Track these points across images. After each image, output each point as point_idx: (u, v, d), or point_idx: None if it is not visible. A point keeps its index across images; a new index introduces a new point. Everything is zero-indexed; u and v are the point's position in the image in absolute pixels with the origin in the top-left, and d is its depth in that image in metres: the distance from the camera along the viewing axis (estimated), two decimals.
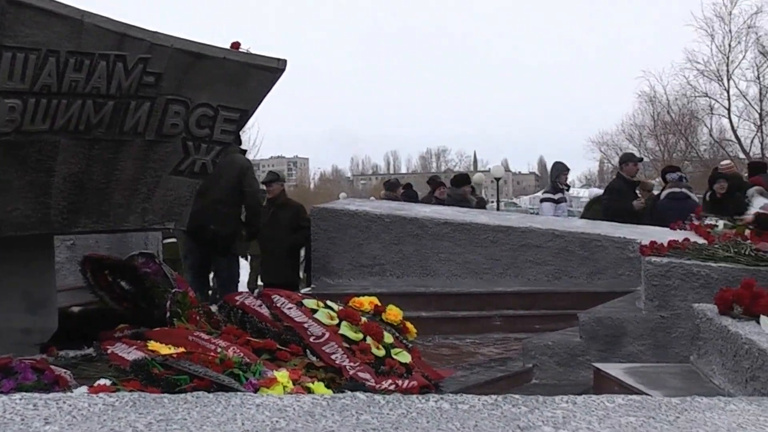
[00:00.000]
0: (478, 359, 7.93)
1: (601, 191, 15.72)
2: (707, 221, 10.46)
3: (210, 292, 10.14)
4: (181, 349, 4.32)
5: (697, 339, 5.24)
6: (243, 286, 11.63)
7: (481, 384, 6.71)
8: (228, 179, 9.21)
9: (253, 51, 5.37)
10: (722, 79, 45.76)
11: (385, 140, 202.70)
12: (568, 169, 14.80)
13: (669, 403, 2.83)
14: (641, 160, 17.03)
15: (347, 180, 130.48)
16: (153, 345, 4.55)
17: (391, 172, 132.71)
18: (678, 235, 8.70)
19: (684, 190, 13.45)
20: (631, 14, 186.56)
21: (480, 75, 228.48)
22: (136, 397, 2.76)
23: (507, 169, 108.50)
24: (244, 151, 10.80)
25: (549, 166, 18.45)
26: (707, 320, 5.00)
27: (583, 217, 14.29)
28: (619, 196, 12.82)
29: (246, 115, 5.45)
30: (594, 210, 14.01)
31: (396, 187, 18.37)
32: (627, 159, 13.87)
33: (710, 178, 14.12)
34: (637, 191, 13.31)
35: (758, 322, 4.49)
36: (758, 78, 44.93)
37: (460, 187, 15.56)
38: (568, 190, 15.47)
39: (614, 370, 5.59)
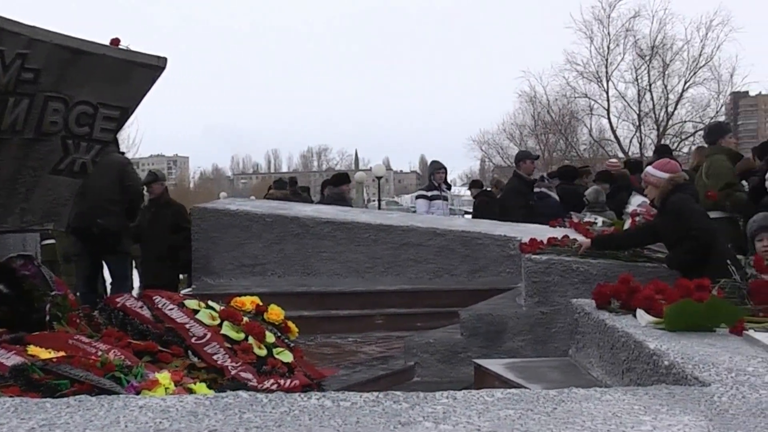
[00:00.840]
0: (360, 358, 7.98)
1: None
2: (587, 219, 10.71)
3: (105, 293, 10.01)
4: (62, 353, 4.23)
5: (576, 333, 5.35)
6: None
7: (363, 382, 6.75)
8: (110, 177, 9.18)
9: (132, 48, 5.30)
10: (601, 81, 46.84)
11: (266, 139, 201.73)
12: (443, 168, 14.87)
13: (546, 395, 2.90)
14: (537, 157, 17.21)
15: (228, 179, 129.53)
16: (32, 349, 4.44)
17: (272, 170, 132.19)
18: (558, 233, 8.89)
19: (544, 189, 14.02)
20: (512, 15, 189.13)
21: (361, 74, 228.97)
22: (18, 402, 2.71)
23: (388, 168, 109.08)
24: (123, 153, 10.79)
25: None
26: (585, 315, 5.12)
27: None
28: (516, 194, 12.79)
29: (126, 113, 5.37)
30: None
31: (286, 186, 18.46)
32: (523, 157, 13.72)
33: (596, 177, 14.60)
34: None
35: (635, 316, 4.61)
36: (636, 80, 46.18)
37: (338, 186, 15.57)
38: (449, 188, 15.57)
39: (494, 365, 5.67)
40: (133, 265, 11.18)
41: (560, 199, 13.82)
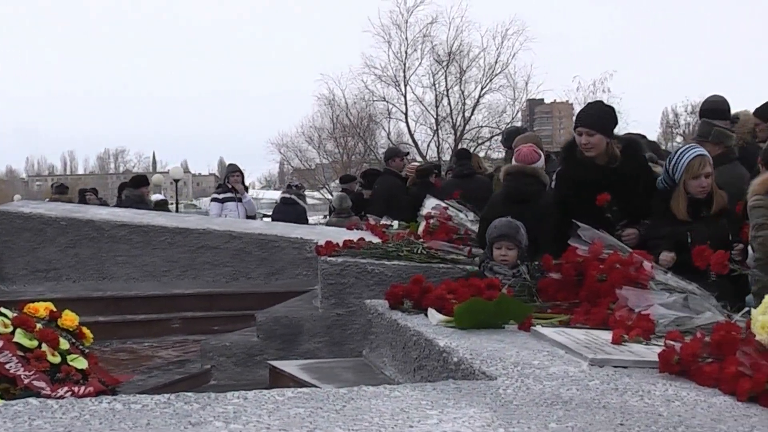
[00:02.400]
0: (156, 362, 7.83)
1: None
2: (383, 221, 10.84)
3: None
4: None
5: (370, 333, 5.41)
6: None
7: (159, 387, 6.62)
8: None
9: None
10: (399, 85, 47.40)
11: (61, 140, 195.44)
12: (239, 170, 14.85)
13: (337, 393, 2.91)
14: (407, 154, 17.44)
15: (22, 181, 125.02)
16: None
17: (68, 172, 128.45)
18: (354, 235, 8.97)
19: (293, 196, 15.10)
20: (310, 18, 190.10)
21: (158, 75, 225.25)
22: None
23: (186, 171, 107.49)
24: None
25: None
26: (379, 315, 5.18)
27: None
28: (398, 190, 12.66)
29: None
30: None
31: (68, 190, 18.13)
32: (392, 155, 13.82)
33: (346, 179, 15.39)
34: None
35: (426, 315, 4.69)
36: (434, 85, 46.98)
37: (138, 189, 15.31)
38: (247, 191, 15.52)
39: (289, 367, 5.66)
40: None
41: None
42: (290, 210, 14.56)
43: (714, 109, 7.62)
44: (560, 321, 4.55)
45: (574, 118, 6.77)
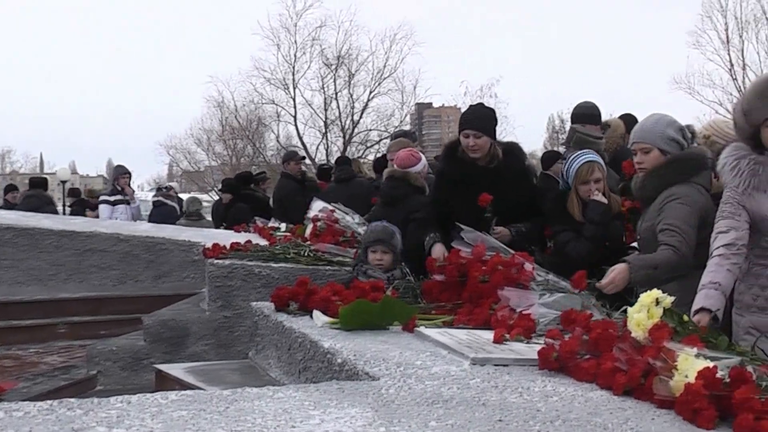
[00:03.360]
0: (42, 369, 7.71)
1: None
2: (271, 224, 10.85)
3: None
4: None
5: (256, 336, 5.41)
6: None
7: (45, 394, 6.52)
8: None
9: None
10: (288, 88, 47.43)
11: None
12: (127, 172, 14.75)
13: (220, 395, 2.92)
14: (303, 158, 17.69)
15: None
16: None
17: None
18: (241, 238, 8.96)
19: (160, 198, 15.74)
20: (199, 18, 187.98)
21: (43, 72, 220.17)
22: None
23: (74, 172, 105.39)
24: None
25: None
26: (264, 317, 5.18)
27: None
28: (295, 193, 12.97)
29: None
30: None
31: None
32: (289, 158, 14.47)
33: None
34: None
35: (312, 317, 4.72)
36: (323, 88, 47.15)
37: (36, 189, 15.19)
38: (134, 193, 15.41)
39: (175, 370, 5.63)
40: None
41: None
42: (159, 211, 14.81)
43: (584, 114, 7.77)
44: (443, 322, 4.62)
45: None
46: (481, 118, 6.61)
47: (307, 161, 41.86)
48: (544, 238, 6.84)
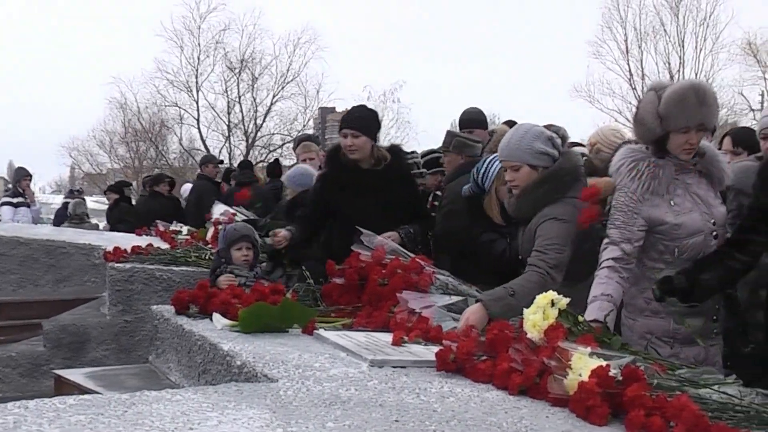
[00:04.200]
0: None
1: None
2: (173, 227, 10.78)
3: None
4: None
5: (156, 339, 5.39)
6: None
7: None
8: None
9: None
10: (192, 91, 46.87)
11: None
12: (29, 174, 14.53)
13: (119, 399, 2.91)
14: (221, 162, 18.22)
15: None
16: None
17: None
18: (143, 241, 8.89)
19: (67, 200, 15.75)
20: (102, 18, 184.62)
21: None
22: None
23: None
24: None
25: None
26: (164, 321, 5.17)
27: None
28: (210, 195, 12.77)
29: None
30: None
31: None
32: (206, 161, 14.81)
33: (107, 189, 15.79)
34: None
35: (212, 320, 4.73)
36: (226, 91, 46.63)
37: None
38: (34, 195, 15.19)
39: (75, 375, 5.57)
40: None
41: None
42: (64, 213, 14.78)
43: (472, 119, 7.75)
44: (343, 324, 4.67)
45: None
46: (360, 118, 6.46)
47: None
48: (428, 240, 6.84)
